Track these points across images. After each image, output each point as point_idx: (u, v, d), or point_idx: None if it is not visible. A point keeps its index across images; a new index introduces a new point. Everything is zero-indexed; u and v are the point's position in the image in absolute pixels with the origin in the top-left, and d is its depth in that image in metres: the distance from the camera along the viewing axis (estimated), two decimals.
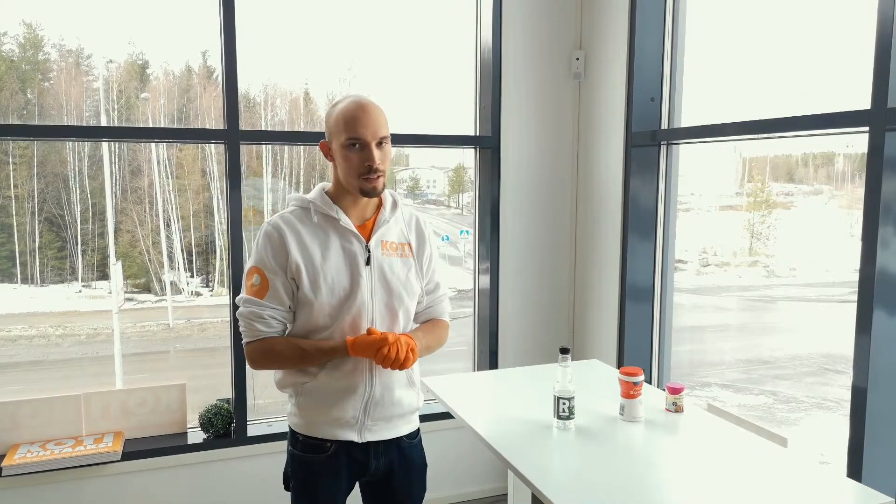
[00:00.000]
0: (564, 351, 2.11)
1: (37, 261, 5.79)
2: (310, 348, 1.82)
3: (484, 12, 3.46)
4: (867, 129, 2.21)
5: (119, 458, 2.91)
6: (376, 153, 1.79)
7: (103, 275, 5.91)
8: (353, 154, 1.79)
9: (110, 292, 5.74)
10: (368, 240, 1.88)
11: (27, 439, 2.92)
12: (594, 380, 2.62)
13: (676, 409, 2.30)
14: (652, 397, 2.39)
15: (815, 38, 2.75)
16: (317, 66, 5.29)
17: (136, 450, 2.97)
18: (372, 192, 1.83)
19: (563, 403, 2.11)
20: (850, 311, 4.08)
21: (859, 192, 3.73)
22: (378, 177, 1.81)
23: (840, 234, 3.97)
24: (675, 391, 2.30)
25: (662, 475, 1.92)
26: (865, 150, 3.85)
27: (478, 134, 3.56)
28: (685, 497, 1.78)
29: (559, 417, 2.12)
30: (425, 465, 2.07)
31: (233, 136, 2.99)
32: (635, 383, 2.21)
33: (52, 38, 5.34)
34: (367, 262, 1.87)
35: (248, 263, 1.86)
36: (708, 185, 4.12)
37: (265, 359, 1.86)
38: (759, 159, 4.35)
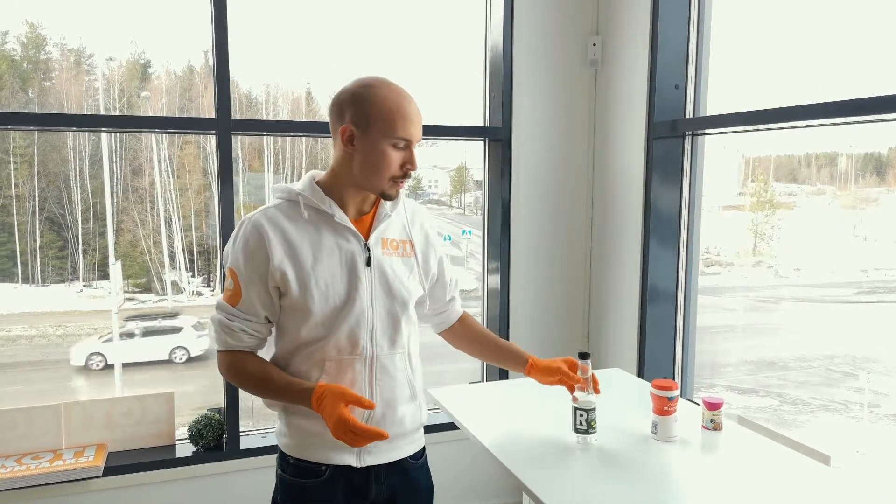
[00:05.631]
0: (584, 356, 1.82)
1: (38, 260, 5.63)
2: (278, 381, 1.55)
3: None
4: None
5: (101, 473, 2.60)
6: (416, 156, 1.55)
7: (104, 274, 5.76)
8: (396, 153, 1.51)
9: (110, 292, 5.51)
10: (367, 237, 1.59)
11: (2, 453, 2.61)
12: (618, 392, 2.29)
13: (714, 426, 1.99)
14: (682, 412, 2.06)
15: (862, 11, 2.40)
16: (319, 64, 5.12)
17: (119, 464, 2.67)
18: (394, 197, 1.57)
19: (582, 415, 1.79)
20: (856, 312, 3.96)
21: (863, 192, 3.63)
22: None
23: (844, 235, 3.84)
24: (714, 406, 1.98)
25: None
26: (869, 150, 3.65)
27: (487, 125, 3.26)
28: None
29: (577, 431, 1.82)
30: (432, 489, 1.78)
31: (224, 125, 2.67)
32: (670, 399, 1.90)
33: (53, 37, 5.24)
34: (368, 264, 1.57)
35: (227, 262, 1.58)
36: (710, 184, 3.97)
37: (230, 374, 1.60)
38: (761, 159, 4.24)
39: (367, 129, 1.50)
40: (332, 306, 1.53)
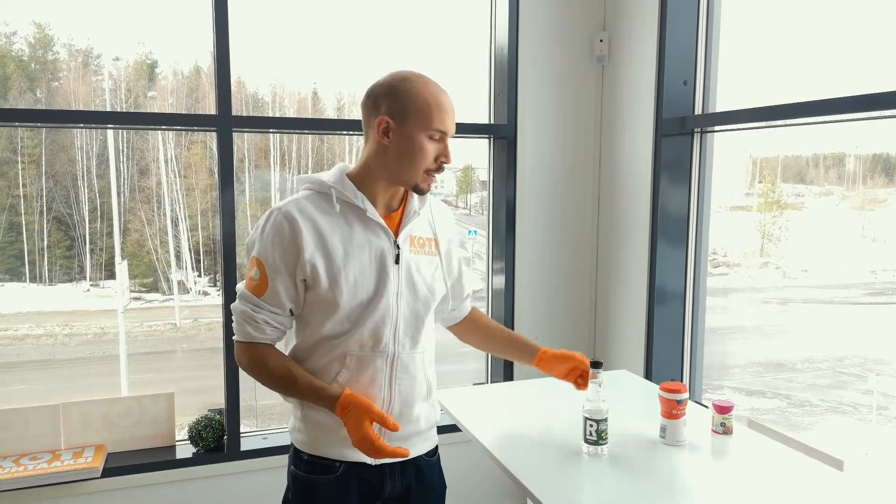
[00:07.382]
0: (596, 365, 1.76)
1: (45, 260, 5.62)
2: (302, 382, 1.52)
3: None
4: None
5: (99, 474, 2.55)
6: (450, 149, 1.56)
7: (111, 274, 5.75)
8: (432, 146, 1.51)
9: (117, 292, 5.48)
10: (397, 234, 1.58)
11: (0, 454, 2.54)
12: (625, 394, 2.22)
13: (725, 430, 1.92)
14: (691, 415, 2.00)
15: (877, 4, 2.32)
16: (325, 64, 5.07)
17: (118, 465, 2.62)
18: (426, 190, 1.57)
19: (592, 426, 1.72)
20: (864, 313, 3.91)
21: (871, 193, 3.57)
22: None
23: (852, 236, 3.80)
24: (724, 410, 1.92)
25: None
26: (878, 150, 3.59)
27: (492, 122, 3.19)
28: None
29: (587, 441, 1.73)
30: (444, 487, 1.78)
31: (224, 122, 2.61)
32: (679, 402, 1.83)
33: (61, 37, 5.19)
34: (396, 261, 1.56)
35: (252, 251, 1.55)
36: (718, 185, 3.92)
37: (251, 368, 1.57)
38: (769, 160, 4.19)
39: (403, 120, 1.49)
40: (358, 301, 1.51)
